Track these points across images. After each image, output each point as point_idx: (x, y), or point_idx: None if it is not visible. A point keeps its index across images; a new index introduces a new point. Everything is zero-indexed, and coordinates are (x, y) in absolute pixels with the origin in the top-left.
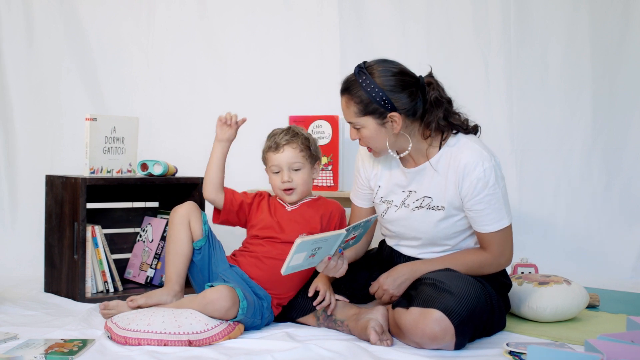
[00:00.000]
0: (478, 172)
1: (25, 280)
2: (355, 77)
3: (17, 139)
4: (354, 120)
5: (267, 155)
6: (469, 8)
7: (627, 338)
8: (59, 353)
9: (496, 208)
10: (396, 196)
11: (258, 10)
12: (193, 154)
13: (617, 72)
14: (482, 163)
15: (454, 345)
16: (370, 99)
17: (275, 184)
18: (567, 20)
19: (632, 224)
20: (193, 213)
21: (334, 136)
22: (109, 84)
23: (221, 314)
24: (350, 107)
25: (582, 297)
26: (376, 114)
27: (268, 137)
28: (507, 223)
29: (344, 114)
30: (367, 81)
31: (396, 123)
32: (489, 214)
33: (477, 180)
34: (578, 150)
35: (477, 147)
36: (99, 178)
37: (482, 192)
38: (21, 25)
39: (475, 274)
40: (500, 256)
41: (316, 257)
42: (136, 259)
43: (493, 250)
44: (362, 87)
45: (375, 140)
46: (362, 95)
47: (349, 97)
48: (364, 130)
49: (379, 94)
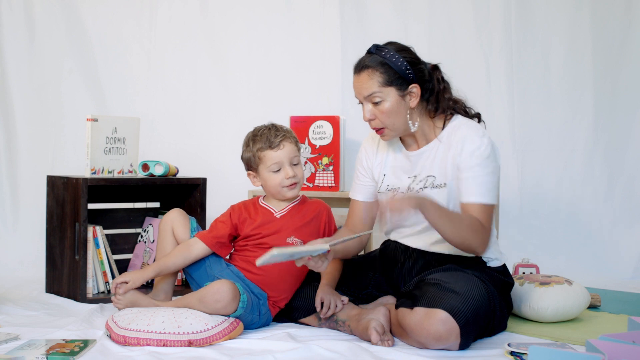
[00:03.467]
0: (476, 143)
1: (26, 280)
2: (375, 53)
3: (18, 139)
4: (377, 90)
5: (263, 154)
6: (470, 8)
7: (629, 338)
8: (61, 354)
9: (482, 181)
10: (402, 183)
11: (259, 11)
12: (194, 154)
13: (619, 72)
14: (480, 137)
15: (459, 346)
16: (395, 68)
17: (276, 182)
18: (569, 20)
19: (633, 224)
20: (176, 220)
21: (335, 136)
22: (110, 85)
23: (222, 306)
24: (374, 77)
25: (583, 298)
26: (398, 85)
27: (255, 137)
28: (488, 201)
29: (364, 88)
30: (390, 53)
31: (415, 95)
32: (473, 185)
33: (474, 149)
34: (580, 150)
35: (477, 125)
36: (100, 178)
37: (475, 161)
38: (22, 25)
39: (467, 240)
40: (487, 234)
41: (295, 256)
42: (137, 259)
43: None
44: (387, 58)
45: (394, 115)
46: (386, 65)
47: (372, 69)
48: (384, 103)
49: (403, 63)
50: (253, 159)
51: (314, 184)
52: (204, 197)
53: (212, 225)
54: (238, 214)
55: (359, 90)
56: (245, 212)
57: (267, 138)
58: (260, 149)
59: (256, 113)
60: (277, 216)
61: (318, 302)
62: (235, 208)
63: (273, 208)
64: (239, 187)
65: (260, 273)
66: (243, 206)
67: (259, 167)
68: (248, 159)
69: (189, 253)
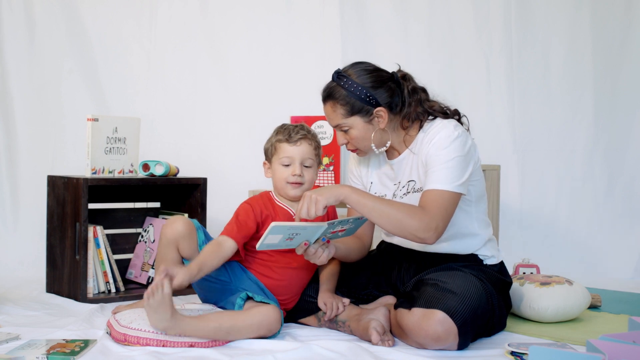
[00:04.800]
0: (440, 136)
1: (27, 280)
2: (336, 82)
3: (18, 139)
4: (342, 122)
5: (280, 145)
6: (470, 9)
7: (629, 338)
8: (61, 353)
9: (438, 169)
10: (388, 190)
11: (259, 11)
12: (195, 154)
13: (619, 73)
14: (445, 130)
15: (457, 346)
16: (355, 98)
17: (283, 175)
18: (569, 21)
19: (634, 224)
20: (181, 237)
21: (335, 136)
22: (110, 85)
23: (268, 331)
24: (336, 110)
25: (583, 298)
26: (362, 112)
27: (280, 129)
28: (448, 188)
29: (330, 119)
30: (349, 82)
31: (382, 118)
32: (432, 173)
33: (435, 141)
34: (580, 150)
35: (446, 122)
36: (101, 178)
37: (434, 151)
38: (22, 25)
39: (402, 224)
40: (430, 218)
41: (294, 241)
42: (138, 259)
43: (425, 209)
44: (345, 89)
45: (363, 139)
46: (346, 96)
47: (333, 101)
48: (352, 130)
49: (362, 91)
50: (270, 148)
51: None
52: (205, 197)
53: (236, 224)
54: (260, 210)
55: (328, 119)
56: (265, 209)
57: (288, 132)
58: (278, 140)
59: (256, 113)
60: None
61: (322, 305)
62: (254, 204)
63: (290, 208)
64: (239, 187)
65: (277, 278)
66: (262, 202)
67: (272, 157)
68: (267, 149)
69: (223, 253)
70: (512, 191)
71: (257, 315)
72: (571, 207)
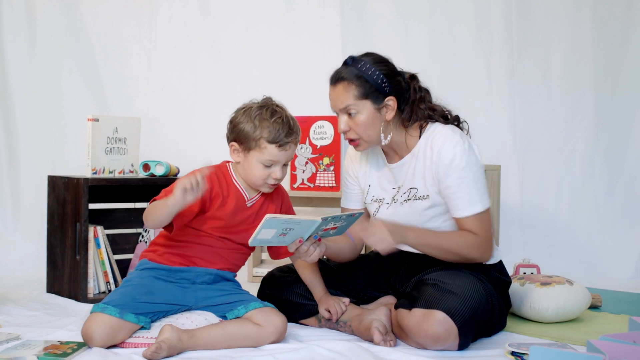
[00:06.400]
0: (450, 155)
1: (27, 280)
2: (351, 65)
3: (19, 139)
4: (352, 103)
5: (267, 146)
6: (471, 8)
7: (629, 339)
8: (52, 355)
9: (468, 192)
10: (387, 194)
11: (259, 11)
12: (195, 154)
13: (620, 73)
14: (453, 147)
15: (458, 346)
16: (371, 82)
17: (262, 175)
18: (569, 21)
19: (634, 224)
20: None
21: (335, 137)
22: (111, 85)
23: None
24: (349, 90)
25: (584, 298)
26: (374, 98)
27: (264, 120)
28: (480, 209)
29: (339, 101)
30: (366, 65)
31: (391, 108)
32: (460, 197)
33: (449, 162)
34: (580, 150)
35: (450, 132)
36: (101, 178)
37: (452, 174)
38: (23, 26)
39: (465, 256)
40: (486, 245)
41: (287, 237)
42: (138, 259)
43: (478, 236)
44: (362, 71)
45: (368, 127)
46: (362, 78)
47: (348, 81)
48: (359, 115)
49: (379, 76)
50: (250, 138)
51: (314, 184)
52: None
53: (170, 186)
54: (212, 187)
55: (335, 102)
56: (219, 186)
57: (278, 132)
58: (265, 138)
59: None
60: (248, 205)
61: (324, 312)
62: (208, 177)
63: (246, 193)
64: None
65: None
66: (216, 177)
67: (251, 150)
68: (245, 134)
69: None
70: (513, 191)
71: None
72: (571, 207)
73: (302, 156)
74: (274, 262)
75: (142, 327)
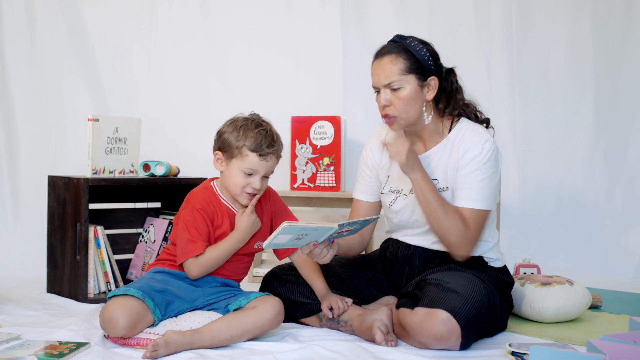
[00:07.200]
0: (477, 149)
1: (27, 280)
2: (399, 41)
3: (19, 139)
4: (398, 77)
5: (248, 154)
6: (471, 8)
7: (630, 339)
8: (49, 355)
9: (479, 187)
10: (406, 185)
11: (259, 11)
12: (195, 154)
13: (620, 73)
14: (482, 143)
15: (460, 346)
16: (418, 57)
17: (241, 183)
18: (569, 21)
19: (634, 224)
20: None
21: (336, 137)
22: (111, 85)
23: (272, 327)
24: (396, 64)
25: (584, 298)
26: (420, 74)
27: (248, 131)
28: (483, 206)
29: (384, 75)
30: (415, 42)
31: (432, 88)
32: (469, 189)
33: (474, 155)
34: (580, 150)
35: (482, 130)
36: (101, 179)
37: (473, 167)
38: (23, 26)
39: (446, 231)
40: (469, 239)
41: (302, 241)
42: (138, 259)
43: (468, 228)
44: (411, 47)
45: (410, 103)
46: (409, 53)
47: (395, 54)
48: (402, 91)
49: (426, 54)
50: (234, 147)
51: (315, 184)
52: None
53: (199, 235)
54: (211, 214)
55: (379, 75)
56: (212, 210)
57: (260, 142)
58: (247, 146)
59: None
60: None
61: (327, 309)
62: (205, 207)
63: (234, 208)
64: None
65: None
66: (208, 200)
67: (233, 158)
68: (228, 143)
69: None
70: (513, 191)
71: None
72: (571, 207)
73: (302, 156)
74: (274, 262)
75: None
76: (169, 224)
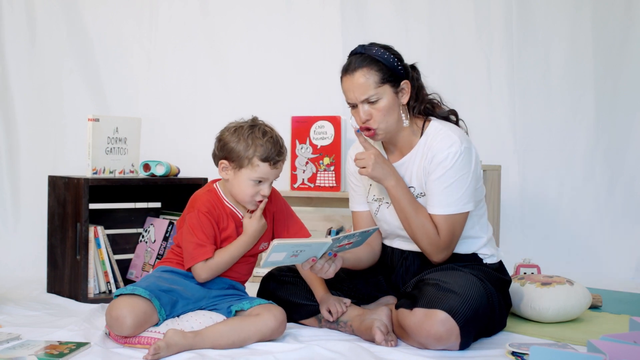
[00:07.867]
0: (442, 155)
1: (27, 280)
2: (365, 52)
3: (19, 139)
4: (374, 91)
5: (259, 164)
6: (471, 8)
7: (630, 339)
8: (49, 355)
9: (448, 192)
10: (386, 193)
11: (259, 11)
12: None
13: (620, 73)
14: (448, 147)
15: (459, 346)
16: (388, 65)
17: (250, 191)
18: (570, 21)
19: (634, 224)
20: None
21: (336, 136)
22: (111, 85)
23: (274, 336)
24: (370, 77)
25: (584, 298)
26: (392, 81)
27: (256, 140)
28: (454, 211)
29: (360, 91)
30: (380, 51)
31: (406, 92)
32: (436, 195)
33: (440, 160)
34: (580, 150)
35: (450, 132)
36: (102, 179)
37: (438, 172)
38: (24, 26)
39: (418, 238)
40: (441, 246)
41: (299, 257)
42: (138, 259)
43: (438, 235)
44: (378, 56)
45: (389, 113)
46: (379, 63)
47: (367, 67)
48: (380, 102)
49: (394, 59)
50: (243, 157)
51: (315, 184)
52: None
53: (207, 240)
54: (217, 217)
55: (354, 92)
56: (217, 214)
57: (270, 151)
58: (258, 157)
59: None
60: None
61: (326, 313)
62: (211, 210)
63: (239, 212)
64: None
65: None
66: (213, 204)
67: (242, 168)
68: (237, 153)
69: None
70: (513, 191)
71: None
72: (572, 207)
73: (302, 156)
74: None
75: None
76: (169, 224)
